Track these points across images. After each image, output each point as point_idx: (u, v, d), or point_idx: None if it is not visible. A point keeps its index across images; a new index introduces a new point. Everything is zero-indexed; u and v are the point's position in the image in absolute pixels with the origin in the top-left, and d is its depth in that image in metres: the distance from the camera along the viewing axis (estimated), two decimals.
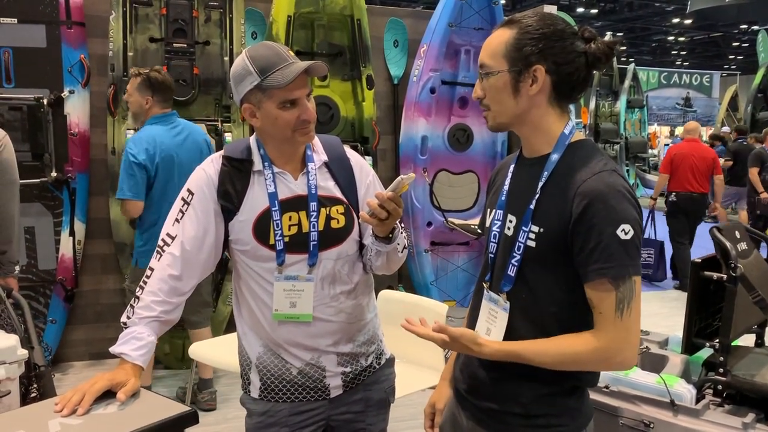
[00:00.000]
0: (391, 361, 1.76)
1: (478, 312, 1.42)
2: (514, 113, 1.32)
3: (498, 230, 1.39)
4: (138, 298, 1.51)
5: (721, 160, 7.67)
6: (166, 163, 3.11)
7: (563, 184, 1.27)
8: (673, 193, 6.33)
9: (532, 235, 1.29)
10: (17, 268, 2.75)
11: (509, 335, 1.34)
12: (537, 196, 1.30)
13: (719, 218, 8.22)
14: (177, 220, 1.55)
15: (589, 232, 1.21)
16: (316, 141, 1.64)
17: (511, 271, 1.32)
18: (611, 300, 1.22)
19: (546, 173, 1.30)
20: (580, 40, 1.29)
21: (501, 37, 1.31)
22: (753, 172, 7.29)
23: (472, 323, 1.45)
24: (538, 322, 1.31)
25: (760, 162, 7.48)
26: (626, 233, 1.21)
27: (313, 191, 1.56)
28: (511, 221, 1.36)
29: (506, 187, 1.40)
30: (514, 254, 1.32)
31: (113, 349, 1.46)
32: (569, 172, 1.27)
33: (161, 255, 1.53)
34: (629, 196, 1.24)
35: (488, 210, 1.47)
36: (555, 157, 1.31)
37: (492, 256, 1.40)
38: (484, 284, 1.41)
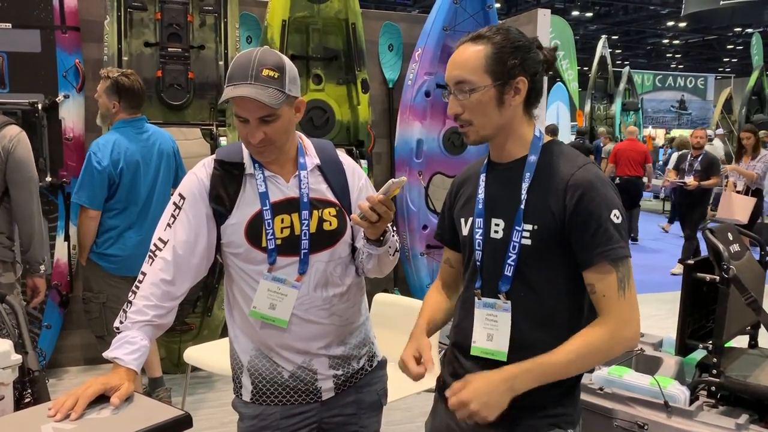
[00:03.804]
0: (383, 364, 1.77)
1: (470, 324, 1.41)
2: (498, 125, 1.37)
3: (481, 237, 1.40)
4: (131, 302, 1.51)
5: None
6: (130, 168, 3.01)
7: (549, 180, 1.33)
8: (617, 178, 8.76)
9: (527, 234, 1.33)
10: (43, 267, 2.75)
11: (513, 336, 1.35)
12: (525, 196, 1.34)
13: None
14: (169, 225, 1.55)
15: (588, 219, 1.28)
16: (309, 144, 1.64)
17: (508, 271, 1.35)
18: (613, 281, 1.29)
19: (528, 174, 1.36)
20: (537, 50, 1.37)
21: (478, 53, 1.33)
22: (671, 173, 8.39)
23: (463, 337, 1.43)
24: (541, 318, 1.34)
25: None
26: (618, 218, 1.30)
27: (305, 198, 1.56)
28: (497, 224, 1.38)
29: (481, 195, 1.42)
30: (510, 254, 1.34)
31: (106, 354, 1.46)
32: (552, 170, 1.34)
33: (153, 259, 1.53)
34: (612, 186, 1.34)
35: (461, 220, 1.47)
36: (533, 158, 1.37)
37: (479, 263, 1.41)
38: (475, 292, 1.41)
